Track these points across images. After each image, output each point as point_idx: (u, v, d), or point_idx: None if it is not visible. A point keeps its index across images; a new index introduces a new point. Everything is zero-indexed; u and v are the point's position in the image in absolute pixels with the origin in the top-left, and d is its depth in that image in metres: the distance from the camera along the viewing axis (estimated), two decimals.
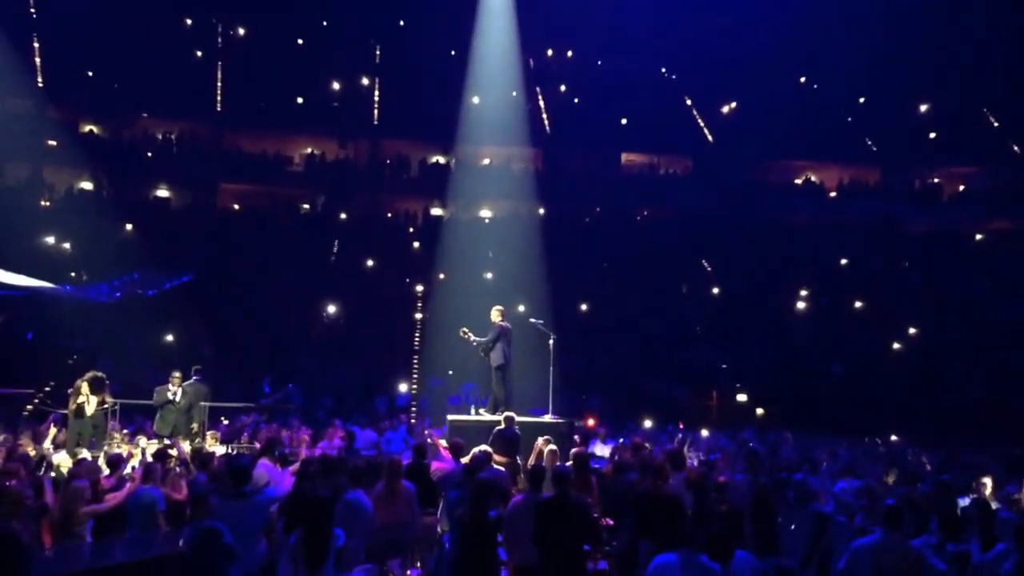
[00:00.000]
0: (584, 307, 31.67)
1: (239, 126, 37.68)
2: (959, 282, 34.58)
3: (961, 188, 40.74)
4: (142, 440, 14.52)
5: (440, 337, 23.62)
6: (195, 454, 12.08)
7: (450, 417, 15.28)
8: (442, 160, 39.39)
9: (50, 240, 29.59)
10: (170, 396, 15.57)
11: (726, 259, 35.40)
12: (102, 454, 13.00)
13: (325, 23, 40.44)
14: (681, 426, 23.38)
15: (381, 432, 19.61)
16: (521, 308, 25.28)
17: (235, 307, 29.30)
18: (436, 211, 38.16)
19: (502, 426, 12.89)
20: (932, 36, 37.26)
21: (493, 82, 34.48)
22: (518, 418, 13.44)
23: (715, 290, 34.14)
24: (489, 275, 31.18)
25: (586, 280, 32.63)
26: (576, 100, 41.95)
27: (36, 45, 35.36)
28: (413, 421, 22.21)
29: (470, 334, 15.11)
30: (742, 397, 28.36)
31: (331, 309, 30.36)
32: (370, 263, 33.49)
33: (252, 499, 7.90)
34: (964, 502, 9.63)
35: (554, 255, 30.73)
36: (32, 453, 12.80)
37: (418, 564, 9.15)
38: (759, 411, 27.67)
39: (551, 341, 15.29)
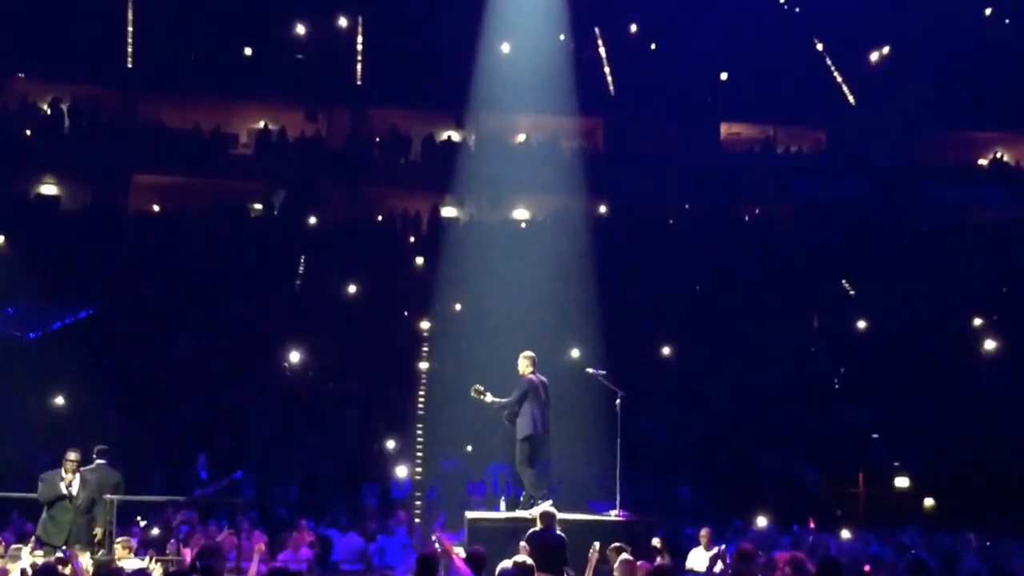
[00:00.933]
0: (666, 351, 31.60)
1: (160, 91, 37.99)
2: None
3: None
4: (23, 552, 14.62)
5: (455, 396, 23.66)
6: (98, 570, 12.15)
7: (469, 515, 15.34)
8: (456, 137, 39.70)
9: None
10: (63, 489, 15.63)
11: (876, 277, 35.33)
12: None
13: None
14: (812, 525, 23.28)
15: (371, 537, 19.68)
16: (574, 353, 25.30)
17: (155, 355, 29.44)
18: (448, 211, 38.30)
19: (537, 527, 12.90)
20: None
21: (529, 22, 34.54)
22: (570, 516, 13.45)
23: (860, 323, 34.00)
24: (525, 305, 31.18)
25: (669, 311, 32.65)
26: (653, 47, 41.99)
27: None
28: (417, 520, 22.29)
29: (487, 394, 15.06)
30: (902, 481, 28.26)
31: (295, 356, 30.43)
32: (352, 289, 33.61)
33: None
34: None
35: (621, 274, 30.74)
36: None
37: None
38: (928, 502, 27.57)
39: (618, 401, 15.31)
